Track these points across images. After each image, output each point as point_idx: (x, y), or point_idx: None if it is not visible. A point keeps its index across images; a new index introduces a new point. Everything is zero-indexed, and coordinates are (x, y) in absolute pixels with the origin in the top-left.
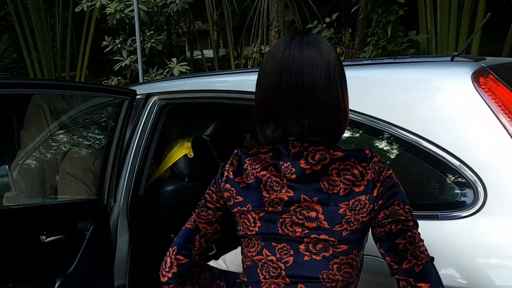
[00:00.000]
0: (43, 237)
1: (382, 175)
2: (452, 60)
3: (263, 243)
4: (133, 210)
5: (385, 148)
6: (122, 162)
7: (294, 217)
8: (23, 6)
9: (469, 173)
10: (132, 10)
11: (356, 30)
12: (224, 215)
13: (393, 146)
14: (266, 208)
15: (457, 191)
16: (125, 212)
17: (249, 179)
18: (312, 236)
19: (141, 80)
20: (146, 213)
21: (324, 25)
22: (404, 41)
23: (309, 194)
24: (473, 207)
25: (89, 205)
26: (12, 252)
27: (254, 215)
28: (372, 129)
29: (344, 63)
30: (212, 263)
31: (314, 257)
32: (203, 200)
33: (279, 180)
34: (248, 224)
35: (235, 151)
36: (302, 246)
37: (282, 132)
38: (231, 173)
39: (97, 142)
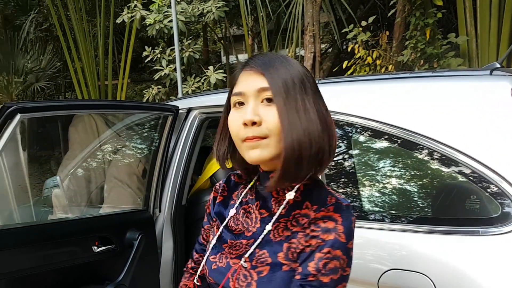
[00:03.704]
0: (95, 247)
1: None
2: (491, 74)
3: None
4: (176, 219)
5: (422, 162)
6: (165, 173)
7: None
8: (66, 17)
9: (509, 188)
10: (171, 21)
11: (393, 33)
12: None
13: (431, 160)
14: None
15: (497, 207)
16: (169, 221)
17: None
18: None
19: (179, 89)
20: (189, 222)
21: (360, 28)
22: (444, 44)
23: None
24: None
25: (137, 216)
26: (67, 261)
27: None
28: (408, 142)
29: (380, 76)
30: None
31: None
32: None
33: None
34: None
35: None
36: None
37: None
38: None
39: (142, 149)
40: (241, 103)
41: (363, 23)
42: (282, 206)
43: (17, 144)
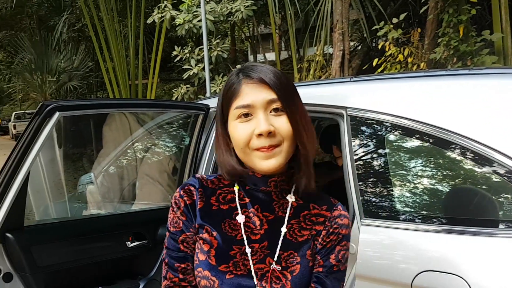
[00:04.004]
0: (128, 242)
1: None
2: None
3: None
4: None
5: (456, 161)
6: (196, 171)
7: None
8: (98, 18)
9: None
10: (200, 20)
11: (425, 30)
12: None
13: (465, 159)
14: None
15: None
16: None
17: None
18: None
19: (208, 88)
20: None
21: (391, 25)
22: (477, 41)
23: None
24: None
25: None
26: (102, 256)
27: None
28: (441, 140)
29: (415, 74)
30: None
31: None
32: None
33: None
34: None
35: None
36: None
37: None
38: None
39: (173, 147)
40: (247, 115)
41: (394, 20)
42: (288, 209)
43: (54, 142)
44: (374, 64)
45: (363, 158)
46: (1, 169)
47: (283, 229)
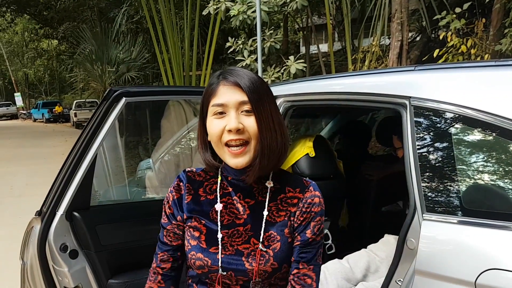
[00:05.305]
0: None
1: None
2: None
3: None
4: None
5: None
6: None
7: None
8: (156, 10)
9: None
10: (254, 11)
11: (490, 20)
12: None
13: None
14: None
15: None
16: None
17: None
18: None
19: None
20: None
21: (454, 15)
22: None
23: None
24: None
25: None
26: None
27: None
28: (508, 131)
29: (485, 63)
30: (335, 262)
31: None
32: None
33: None
34: None
35: None
36: None
37: None
38: None
39: None
40: (221, 112)
41: (457, 10)
42: (268, 193)
43: (115, 129)
44: (434, 55)
45: (426, 150)
46: (71, 150)
47: (265, 213)
